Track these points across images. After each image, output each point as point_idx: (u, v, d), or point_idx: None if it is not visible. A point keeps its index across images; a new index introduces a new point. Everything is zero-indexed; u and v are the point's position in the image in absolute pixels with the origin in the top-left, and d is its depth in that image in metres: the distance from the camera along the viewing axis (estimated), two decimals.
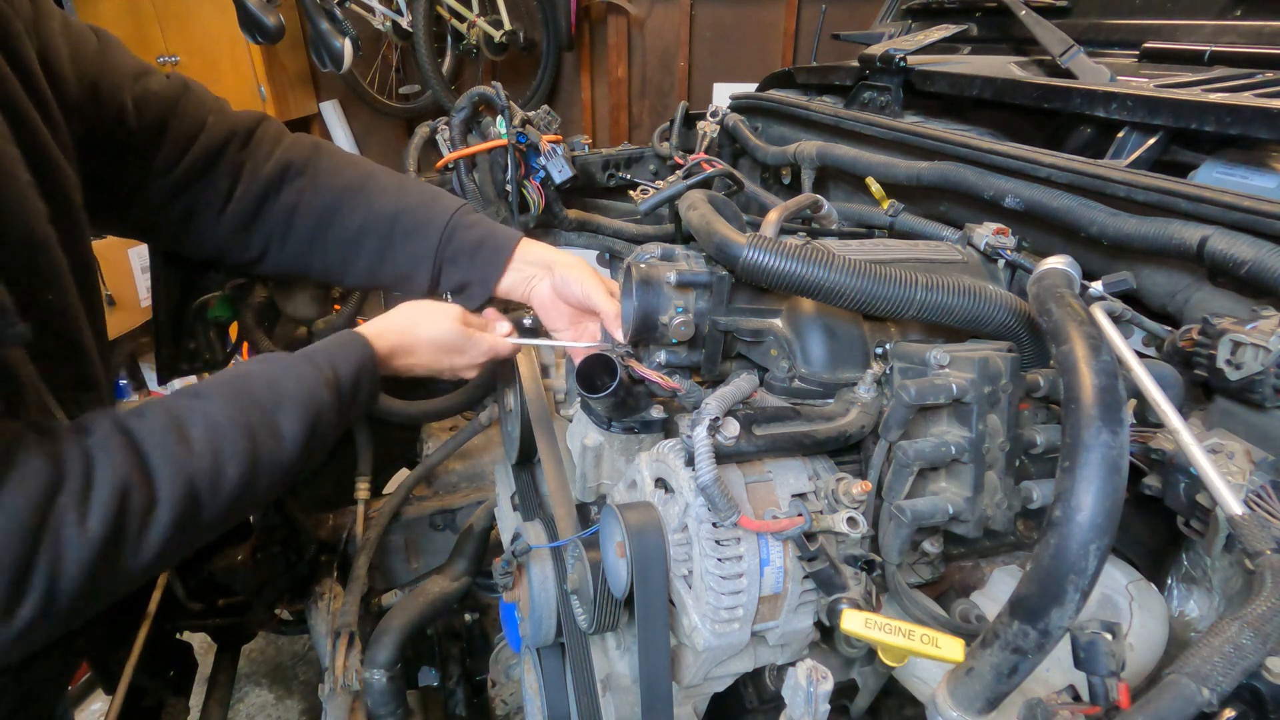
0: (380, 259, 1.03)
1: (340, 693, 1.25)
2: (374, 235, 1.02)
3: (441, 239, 1.02)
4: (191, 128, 0.92)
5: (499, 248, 1.04)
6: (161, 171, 0.92)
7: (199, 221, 0.97)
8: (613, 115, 4.62)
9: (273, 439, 0.77)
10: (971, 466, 0.67)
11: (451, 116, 1.34)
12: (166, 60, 4.03)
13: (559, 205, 1.37)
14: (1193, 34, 1.16)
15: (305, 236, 1.01)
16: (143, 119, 0.88)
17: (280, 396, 0.80)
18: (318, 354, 0.87)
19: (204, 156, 0.93)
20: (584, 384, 0.76)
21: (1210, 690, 0.44)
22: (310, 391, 0.82)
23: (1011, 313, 0.74)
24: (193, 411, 0.73)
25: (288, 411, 0.79)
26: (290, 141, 1.01)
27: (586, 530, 0.80)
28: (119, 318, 3.42)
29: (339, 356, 0.88)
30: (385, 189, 1.03)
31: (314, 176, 1.00)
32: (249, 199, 0.97)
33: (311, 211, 1.00)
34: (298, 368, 0.84)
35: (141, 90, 0.88)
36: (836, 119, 1.31)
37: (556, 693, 0.94)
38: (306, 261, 1.04)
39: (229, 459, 0.72)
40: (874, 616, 0.57)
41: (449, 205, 1.04)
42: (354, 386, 0.88)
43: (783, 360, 0.79)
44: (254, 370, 0.82)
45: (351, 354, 0.90)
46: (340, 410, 0.86)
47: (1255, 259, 0.67)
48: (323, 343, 0.90)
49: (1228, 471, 0.61)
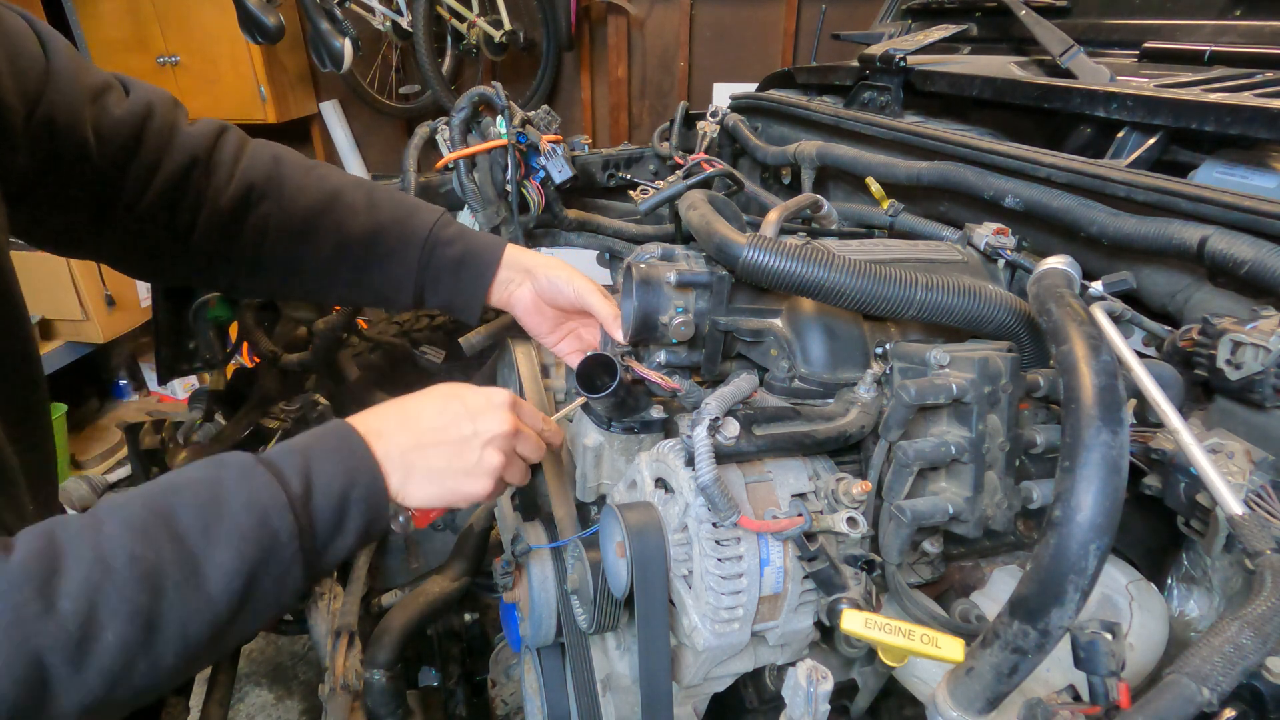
0: (357, 283, 0.96)
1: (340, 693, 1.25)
2: (349, 260, 0.93)
3: (421, 260, 0.95)
4: (154, 157, 0.83)
5: (483, 263, 0.96)
6: (127, 204, 0.83)
7: (167, 251, 0.89)
8: (613, 115, 4.61)
9: (189, 588, 0.56)
10: (971, 466, 0.67)
11: (451, 116, 1.34)
12: (166, 60, 4.04)
13: (559, 205, 1.37)
14: (1193, 34, 1.15)
15: (277, 265, 0.93)
16: (104, 150, 0.78)
17: (215, 523, 0.58)
18: (286, 456, 0.65)
19: (167, 188, 0.84)
20: (584, 384, 0.76)
21: (1210, 690, 0.44)
22: (262, 516, 0.60)
23: (1011, 313, 0.74)
24: (78, 542, 0.53)
25: (221, 548, 0.58)
26: (249, 156, 0.90)
27: (586, 530, 0.80)
28: (119, 318, 3.42)
29: (317, 461, 0.65)
30: (355, 208, 0.93)
31: (278, 199, 0.90)
32: (215, 226, 0.88)
33: (281, 237, 0.91)
34: (252, 478, 0.62)
35: (101, 116, 0.78)
36: (836, 119, 1.31)
37: (556, 693, 0.94)
38: (283, 287, 0.98)
39: (106, 620, 0.52)
40: (874, 616, 0.57)
41: (424, 220, 0.96)
42: (339, 506, 0.65)
43: (783, 360, 0.78)
44: (189, 480, 0.61)
45: (338, 455, 0.67)
46: (309, 545, 0.63)
47: (1255, 259, 0.67)
48: (297, 439, 0.68)
49: (1228, 471, 0.61)
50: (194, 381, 3.29)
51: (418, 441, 0.71)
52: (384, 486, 0.69)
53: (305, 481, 0.64)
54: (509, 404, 0.77)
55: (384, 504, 0.69)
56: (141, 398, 3.86)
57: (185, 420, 1.46)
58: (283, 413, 1.46)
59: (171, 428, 1.44)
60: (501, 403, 0.76)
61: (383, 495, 0.69)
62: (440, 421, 0.73)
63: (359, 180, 0.98)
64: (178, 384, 3.66)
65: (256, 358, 1.49)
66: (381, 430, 0.70)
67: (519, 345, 1.11)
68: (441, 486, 0.72)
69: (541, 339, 1.00)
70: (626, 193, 1.52)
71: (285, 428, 1.43)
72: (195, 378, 1.90)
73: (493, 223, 1.35)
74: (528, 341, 1.10)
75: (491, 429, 0.74)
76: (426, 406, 0.74)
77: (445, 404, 0.75)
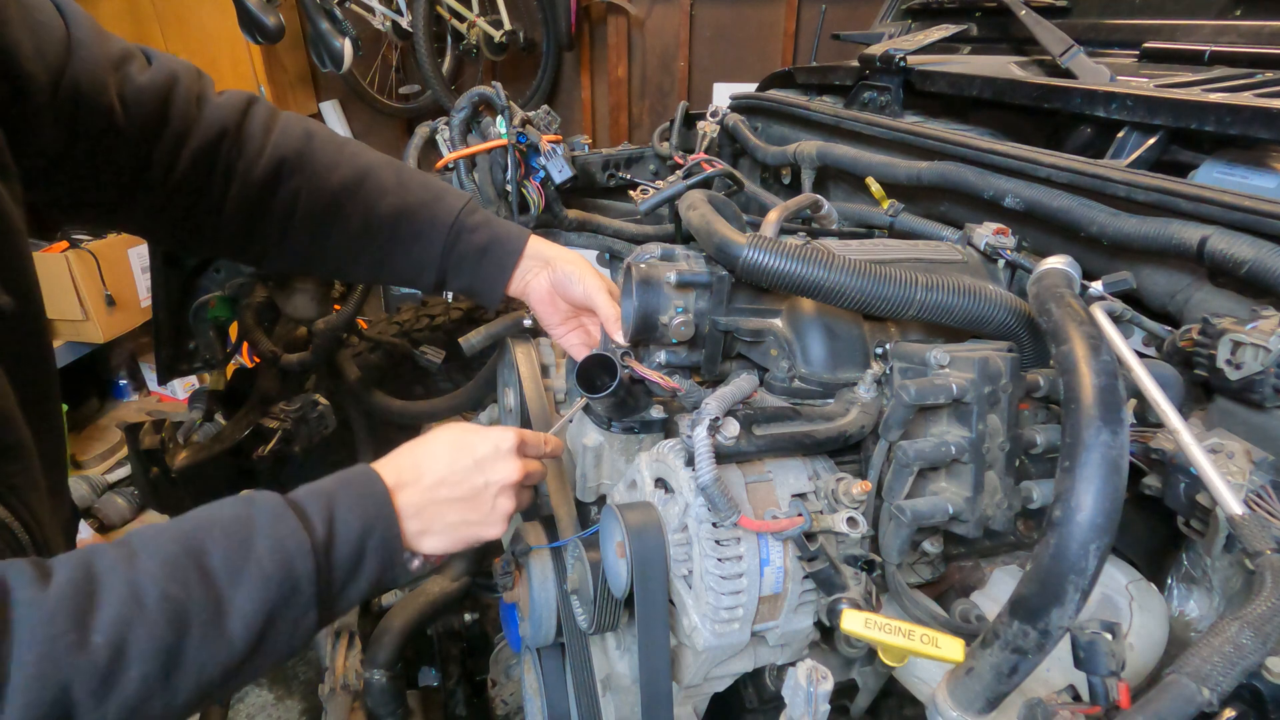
0: (382, 263, 0.98)
1: (340, 693, 1.25)
2: (375, 239, 0.96)
3: (446, 244, 0.96)
4: (183, 126, 0.84)
5: (506, 251, 0.98)
6: (158, 173, 0.84)
7: (198, 222, 0.91)
8: (613, 115, 4.61)
9: (212, 628, 0.56)
10: (971, 466, 0.67)
11: (451, 116, 1.34)
12: None
13: (559, 205, 1.37)
14: (1193, 34, 1.15)
15: (304, 238, 0.95)
16: (132, 116, 0.79)
17: (243, 563, 0.59)
18: (312, 499, 0.66)
19: (198, 158, 0.86)
20: (584, 384, 0.76)
21: (1210, 690, 0.44)
22: (286, 559, 0.61)
23: (1011, 313, 0.73)
24: (114, 576, 0.54)
25: (246, 589, 0.58)
26: (280, 130, 0.91)
27: (586, 530, 0.80)
28: (119, 318, 3.42)
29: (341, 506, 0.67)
30: (384, 187, 0.95)
31: (309, 175, 0.92)
32: (245, 200, 0.90)
33: (310, 214, 0.93)
34: (281, 520, 0.63)
35: (125, 83, 0.79)
36: (836, 119, 1.31)
37: (556, 693, 0.94)
38: (306, 262, 1.00)
39: (134, 657, 0.52)
40: (874, 616, 0.57)
41: (452, 205, 0.98)
42: (356, 553, 0.66)
43: (783, 360, 0.78)
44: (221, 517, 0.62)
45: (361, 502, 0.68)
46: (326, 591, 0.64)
47: (1255, 259, 0.67)
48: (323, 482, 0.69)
49: (1228, 471, 0.61)
50: (194, 381, 3.29)
51: (432, 497, 0.72)
52: (399, 535, 0.70)
53: (328, 527, 0.65)
54: (515, 448, 0.78)
55: (398, 553, 0.70)
56: (141, 398, 3.86)
57: (185, 420, 1.46)
58: (283, 413, 1.46)
59: (171, 428, 1.44)
60: (509, 449, 0.77)
61: (397, 545, 0.70)
62: (454, 475, 0.74)
63: (389, 159, 0.99)
64: (178, 384, 3.66)
65: (256, 358, 1.49)
66: (400, 482, 0.71)
67: (519, 345, 1.11)
68: (455, 537, 0.74)
69: (551, 330, 1.01)
70: (626, 193, 1.52)
71: (285, 428, 1.43)
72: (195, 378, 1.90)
73: None
74: (528, 341, 1.10)
75: (502, 478, 0.76)
76: (439, 458, 0.75)
77: (456, 456, 0.75)
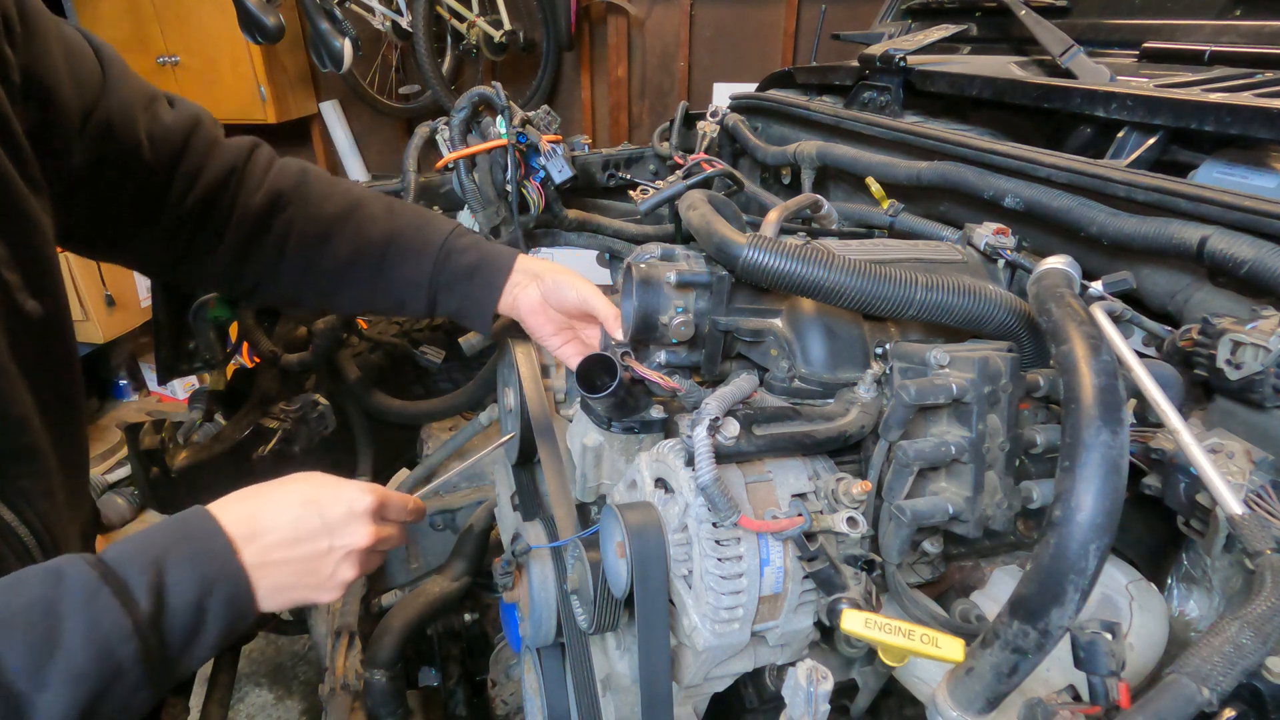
0: (373, 287, 1.00)
1: (340, 693, 1.25)
2: (366, 263, 0.98)
3: (435, 264, 0.98)
4: (198, 163, 0.89)
5: (495, 269, 0.99)
6: (170, 206, 0.88)
7: (195, 257, 0.94)
8: (613, 115, 4.61)
9: None
10: (971, 466, 0.67)
11: (451, 116, 1.34)
12: (166, 60, 4.04)
13: (559, 205, 1.37)
14: (1193, 34, 1.16)
15: (297, 267, 0.97)
16: (158, 154, 0.85)
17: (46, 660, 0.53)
18: (138, 567, 0.60)
19: (206, 194, 0.90)
20: (584, 384, 0.75)
21: (1210, 690, 0.44)
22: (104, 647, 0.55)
23: (1011, 313, 0.73)
24: None
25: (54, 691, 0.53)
26: (278, 169, 0.97)
27: (586, 530, 0.80)
28: (119, 318, 3.43)
29: (173, 570, 0.61)
30: (374, 216, 0.99)
31: (303, 205, 0.96)
32: (242, 233, 0.93)
33: (302, 242, 0.96)
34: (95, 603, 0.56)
35: (153, 122, 0.85)
36: (836, 119, 1.31)
37: (556, 693, 0.94)
38: (299, 291, 1.01)
39: None
40: (874, 616, 0.57)
41: (442, 229, 1.00)
42: (194, 619, 0.61)
43: (783, 360, 0.78)
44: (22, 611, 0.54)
45: (196, 561, 0.63)
46: (157, 668, 0.59)
47: (1255, 259, 0.67)
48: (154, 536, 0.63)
49: (1228, 471, 0.61)
50: (194, 381, 3.29)
51: (267, 558, 0.68)
52: (248, 590, 0.66)
53: (156, 597, 0.59)
54: (370, 512, 0.74)
55: (248, 607, 0.66)
56: (141, 398, 3.86)
57: (185, 420, 1.46)
58: (283, 413, 1.46)
59: (171, 428, 1.44)
60: (363, 511, 0.73)
61: (247, 600, 0.66)
62: (297, 535, 0.70)
63: (381, 194, 1.04)
64: (178, 384, 3.66)
65: (256, 358, 1.49)
66: (239, 534, 0.67)
67: (519, 345, 1.11)
68: (282, 600, 0.70)
69: (544, 341, 1.01)
70: (626, 193, 1.52)
71: (285, 428, 1.43)
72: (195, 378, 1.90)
73: (493, 223, 1.35)
74: (528, 342, 1.10)
75: (348, 544, 0.72)
76: (284, 514, 0.70)
77: (304, 513, 0.71)
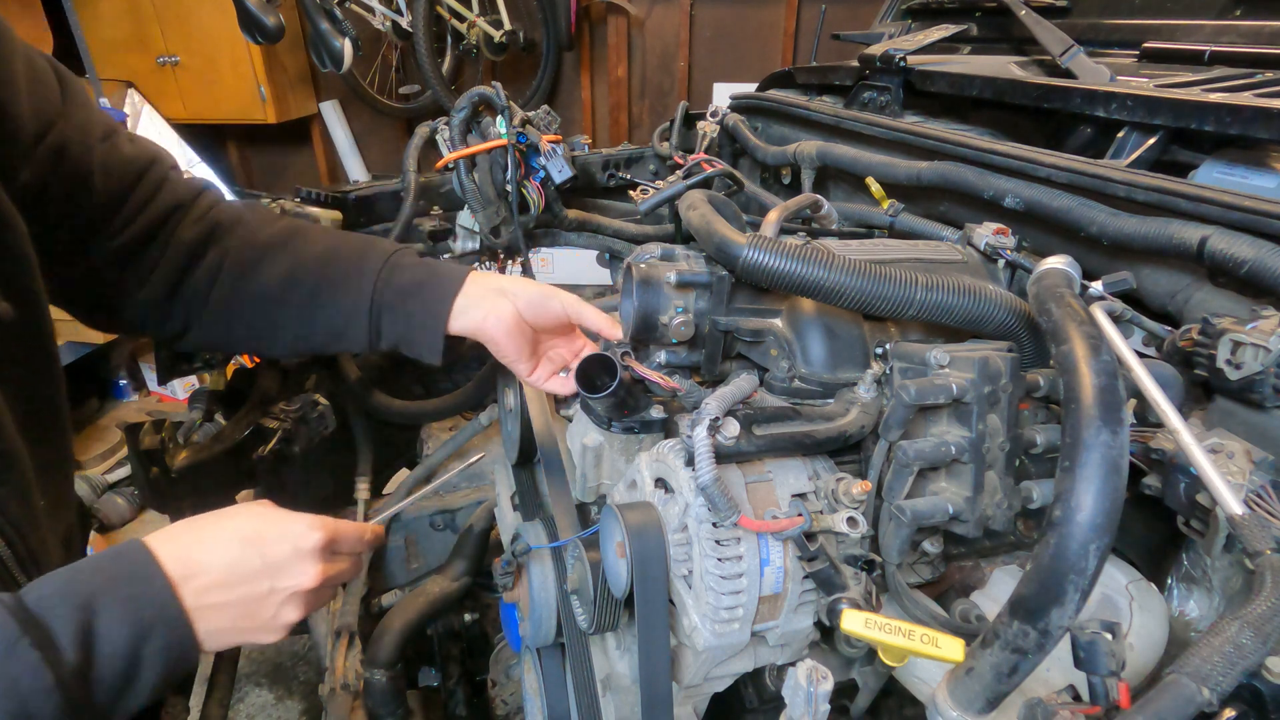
0: (310, 314, 0.89)
1: (340, 693, 1.25)
2: (300, 286, 0.89)
3: (376, 286, 0.88)
4: (146, 197, 0.84)
5: (444, 286, 0.89)
6: (106, 238, 0.82)
7: (122, 294, 0.86)
8: (613, 115, 4.61)
9: None
10: (971, 466, 0.67)
11: (451, 116, 1.34)
12: (166, 60, 4.03)
13: (559, 205, 1.37)
14: (1193, 34, 1.16)
15: (225, 298, 0.88)
16: (109, 185, 0.80)
17: None
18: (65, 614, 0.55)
19: (146, 228, 0.84)
20: (584, 384, 0.75)
21: (1210, 690, 0.44)
22: (20, 706, 0.52)
23: (1011, 313, 0.73)
24: None
25: None
26: (221, 206, 0.91)
27: (586, 530, 0.80)
28: None
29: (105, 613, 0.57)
30: (312, 239, 0.91)
31: (238, 235, 0.89)
32: (173, 267, 0.86)
33: (234, 269, 0.88)
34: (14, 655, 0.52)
35: (111, 153, 0.81)
36: (836, 119, 1.31)
37: (556, 693, 0.94)
38: (229, 328, 0.91)
39: None
40: (874, 616, 0.57)
41: (384, 249, 0.91)
42: (127, 668, 0.58)
43: (783, 360, 0.78)
44: None
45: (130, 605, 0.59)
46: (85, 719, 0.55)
47: (1255, 259, 0.67)
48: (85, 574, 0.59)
49: (1228, 471, 0.61)
50: (194, 381, 3.29)
51: (203, 601, 0.63)
52: (189, 631, 0.62)
53: (83, 647, 0.55)
54: (317, 550, 0.70)
55: (190, 651, 0.63)
56: (141, 398, 3.86)
57: (185, 420, 1.45)
58: (283, 413, 1.45)
59: (171, 428, 1.44)
60: (310, 549, 0.69)
61: (189, 642, 0.62)
62: (234, 577, 0.66)
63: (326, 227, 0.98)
64: (178, 384, 3.66)
65: (257, 357, 1.49)
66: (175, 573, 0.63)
67: None
68: (225, 641, 0.67)
69: (513, 365, 0.92)
70: (626, 193, 1.52)
71: (285, 428, 1.43)
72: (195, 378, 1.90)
73: (493, 222, 1.36)
74: None
75: (292, 585, 0.68)
76: (223, 553, 0.66)
77: (244, 552, 0.66)
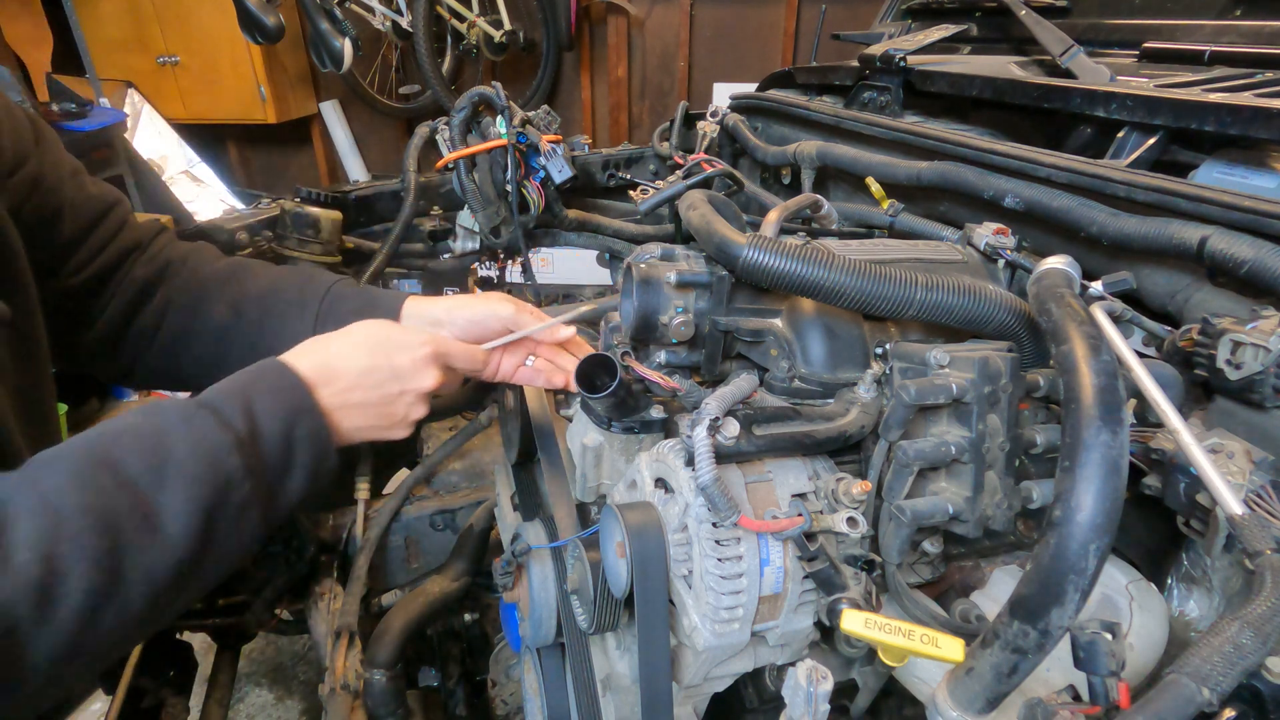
0: (254, 347, 0.92)
1: (340, 693, 1.25)
2: (245, 322, 0.92)
3: (319, 315, 0.92)
4: (108, 236, 0.87)
5: (385, 308, 0.93)
6: (63, 278, 0.85)
7: (71, 333, 0.88)
8: (613, 115, 4.62)
9: (147, 531, 0.57)
10: (971, 466, 0.67)
11: (451, 116, 1.34)
12: (166, 60, 4.04)
13: (559, 205, 1.37)
14: (1193, 34, 1.16)
15: (174, 334, 0.92)
16: (76, 222, 0.83)
17: (163, 467, 0.59)
18: (226, 398, 0.66)
19: (102, 269, 0.87)
20: (584, 384, 0.75)
21: (1210, 690, 0.44)
22: (211, 458, 0.61)
23: (1011, 313, 0.73)
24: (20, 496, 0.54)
25: (172, 491, 0.59)
26: (174, 246, 0.95)
27: (586, 530, 0.80)
28: None
29: (259, 400, 0.67)
30: (256, 274, 0.95)
31: (186, 272, 0.93)
32: (123, 303, 0.89)
33: (182, 304, 0.91)
34: (194, 422, 0.63)
35: (79, 190, 0.84)
36: (836, 119, 1.31)
37: (556, 693, 0.94)
38: (176, 363, 0.94)
39: (67, 567, 0.52)
40: (874, 616, 0.57)
41: (326, 280, 0.96)
42: (285, 446, 0.67)
43: (783, 360, 0.78)
44: (128, 427, 0.61)
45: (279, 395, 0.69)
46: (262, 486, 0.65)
47: (1255, 259, 0.67)
48: (234, 379, 0.69)
49: (1228, 471, 0.61)
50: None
51: (345, 400, 0.74)
52: (325, 425, 0.71)
53: (249, 422, 0.65)
54: (432, 358, 0.80)
55: (329, 441, 0.72)
56: (141, 398, 3.86)
57: None
58: None
59: None
60: (426, 357, 0.79)
61: (326, 435, 0.71)
62: (369, 380, 0.76)
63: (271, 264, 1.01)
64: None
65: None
66: (314, 380, 0.72)
67: None
68: (364, 437, 0.78)
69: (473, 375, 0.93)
70: (626, 193, 1.52)
71: None
72: None
73: (493, 222, 1.36)
74: None
75: (417, 386, 0.79)
76: (355, 359, 0.76)
77: (374, 359, 0.76)
